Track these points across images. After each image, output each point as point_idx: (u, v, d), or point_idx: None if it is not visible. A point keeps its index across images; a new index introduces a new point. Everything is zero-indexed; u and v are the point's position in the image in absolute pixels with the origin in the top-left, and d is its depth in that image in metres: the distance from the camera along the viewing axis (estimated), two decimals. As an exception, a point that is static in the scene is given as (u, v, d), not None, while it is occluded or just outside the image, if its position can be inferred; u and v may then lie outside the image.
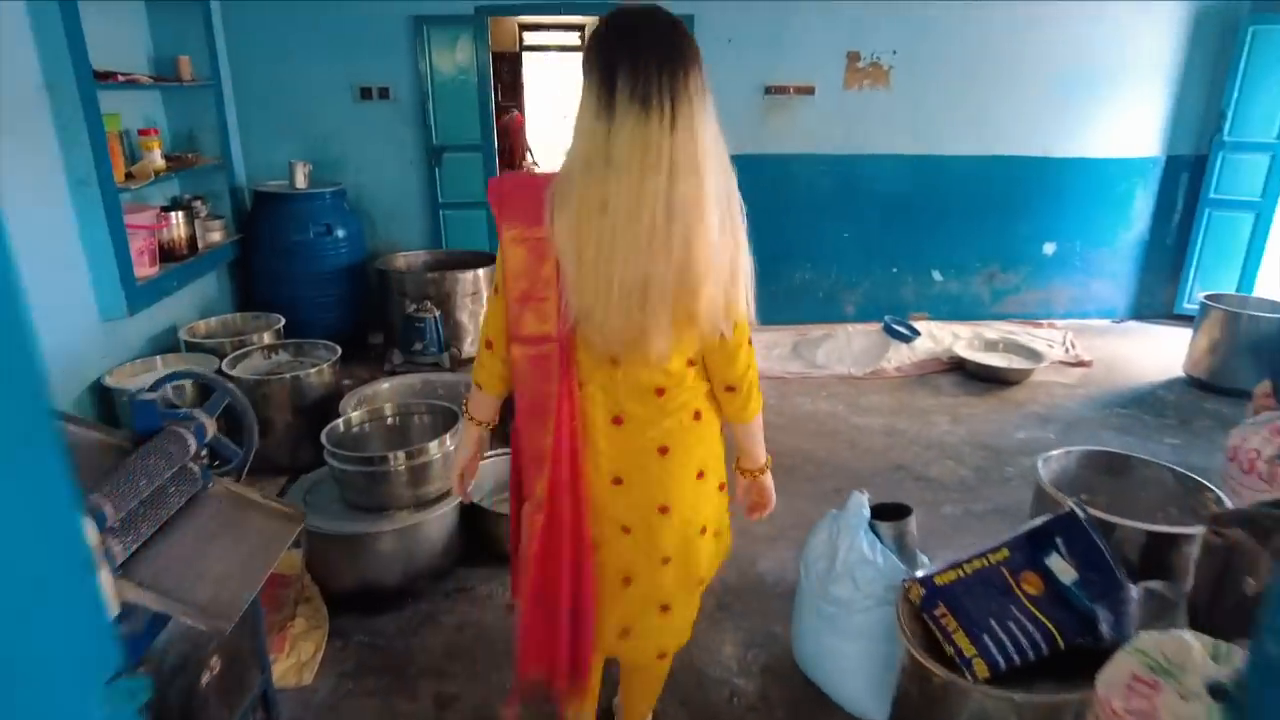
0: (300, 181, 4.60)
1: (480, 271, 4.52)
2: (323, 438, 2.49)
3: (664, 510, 1.50)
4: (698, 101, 1.31)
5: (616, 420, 1.45)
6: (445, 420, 2.72)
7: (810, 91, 5.05)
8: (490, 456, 2.99)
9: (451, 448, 2.54)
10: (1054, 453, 2.51)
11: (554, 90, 12.97)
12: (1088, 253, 5.60)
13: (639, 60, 1.26)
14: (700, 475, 1.54)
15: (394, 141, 4.96)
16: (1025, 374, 4.52)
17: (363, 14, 4.70)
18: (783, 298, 5.45)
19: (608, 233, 1.28)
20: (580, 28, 12.66)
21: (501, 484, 3.01)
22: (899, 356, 4.76)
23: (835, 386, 4.49)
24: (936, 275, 5.55)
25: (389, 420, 2.80)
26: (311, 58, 4.76)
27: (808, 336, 5.11)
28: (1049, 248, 5.56)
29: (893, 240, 5.42)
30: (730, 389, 1.51)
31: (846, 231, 5.38)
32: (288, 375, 3.31)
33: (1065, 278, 5.64)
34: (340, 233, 4.64)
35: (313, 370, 3.33)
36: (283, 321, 4.03)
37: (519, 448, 1.55)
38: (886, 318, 5.01)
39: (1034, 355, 4.69)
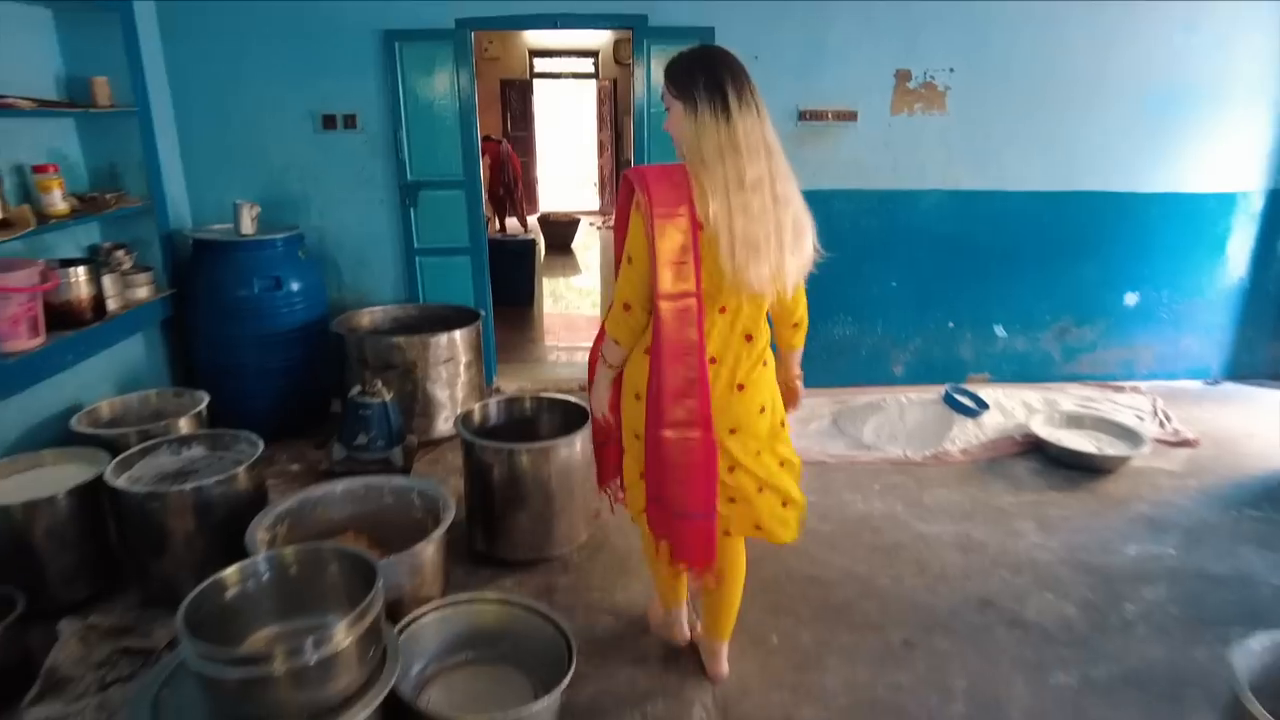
0: (247, 226, 3.87)
1: (458, 334, 3.76)
2: (179, 619, 1.71)
3: (763, 410, 1.93)
4: (764, 105, 1.80)
5: (721, 359, 1.87)
6: (366, 575, 1.90)
7: (852, 117, 4.28)
8: (431, 611, 2.21)
9: (369, 623, 1.76)
10: (1256, 643, 1.69)
11: (565, 117, 12.34)
12: (1177, 303, 4.75)
13: (737, 75, 1.76)
14: (762, 410, 1.94)
15: (361, 177, 4.24)
16: (1121, 462, 3.67)
17: (325, 29, 4.00)
18: (819, 357, 4.65)
19: (754, 202, 1.71)
20: (594, 53, 12.08)
21: (449, 648, 2.22)
22: (964, 435, 3.93)
23: (890, 475, 3.66)
24: (1000, 330, 4.73)
25: (291, 570, 2.00)
26: (266, 80, 4.05)
27: (850, 405, 4.29)
28: (1131, 298, 4.72)
29: (949, 290, 4.61)
30: (796, 325, 2.07)
31: (895, 279, 4.57)
32: (189, 487, 2.54)
33: (1150, 332, 4.80)
34: (295, 285, 3.90)
35: (217, 482, 2.55)
36: (205, 403, 3.29)
37: (660, 386, 1.79)
38: (948, 387, 4.18)
39: (1128, 435, 3.84)
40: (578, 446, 2.80)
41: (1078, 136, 4.41)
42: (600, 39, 11.50)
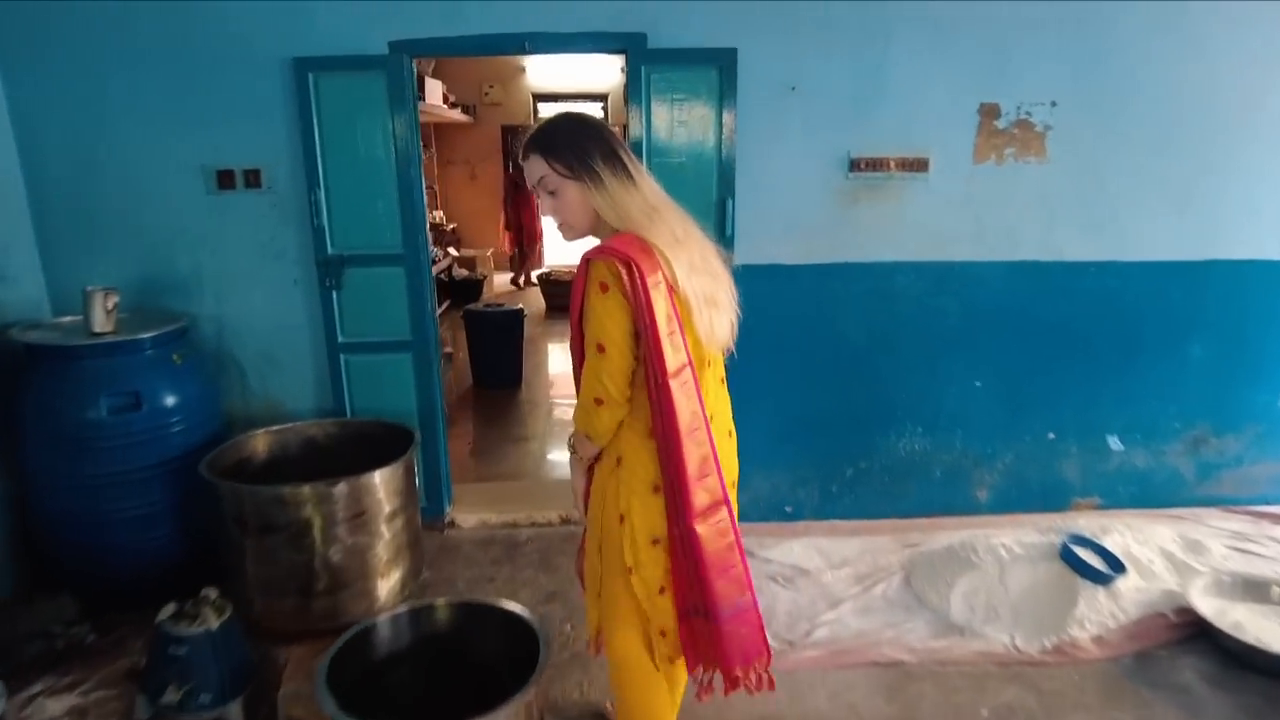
0: (100, 321, 2.83)
1: (377, 476, 2.67)
2: None
3: (730, 435, 1.86)
4: None
5: (713, 413, 1.73)
6: None
7: (921, 167, 3.20)
8: None
9: None
10: None
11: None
12: (1349, 404, 3.60)
13: (618, 138, 1.70)
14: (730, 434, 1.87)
15: (269, 250, 3.20)
16: (1344, 664, 2.50)
17: (216, 58, 3.00)
18: (877, 478, 3.52)
19: (695, 257, 1.65)
20: (603, 96, 11.27)
21: None
22: (1095, 612, 2.76)
23: (999, 685, 2.50)
24: (1115, 442, 3.57)
25: None
26: (141, 126, 3.06)
27: (926, 551, 3.15)
28: (1289, 397, 3.58)
29: (1049, 391, 3.48)
30: (721, 380, 1.87)
31: (978, 378, 3.45)
32: None
33: (1315, 442, 3.63)
34: (169, 400, 2.85)
35: None
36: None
37: (679, 475, 1.61)
38: (1064, 538, 3.02)
39: (1339, 613, 2.67)
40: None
41: (1223, 190, 3.30)
42: (610, 81, 10.65)
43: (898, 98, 3.14)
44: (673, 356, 1.56)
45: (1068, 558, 2.92)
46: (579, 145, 1.62)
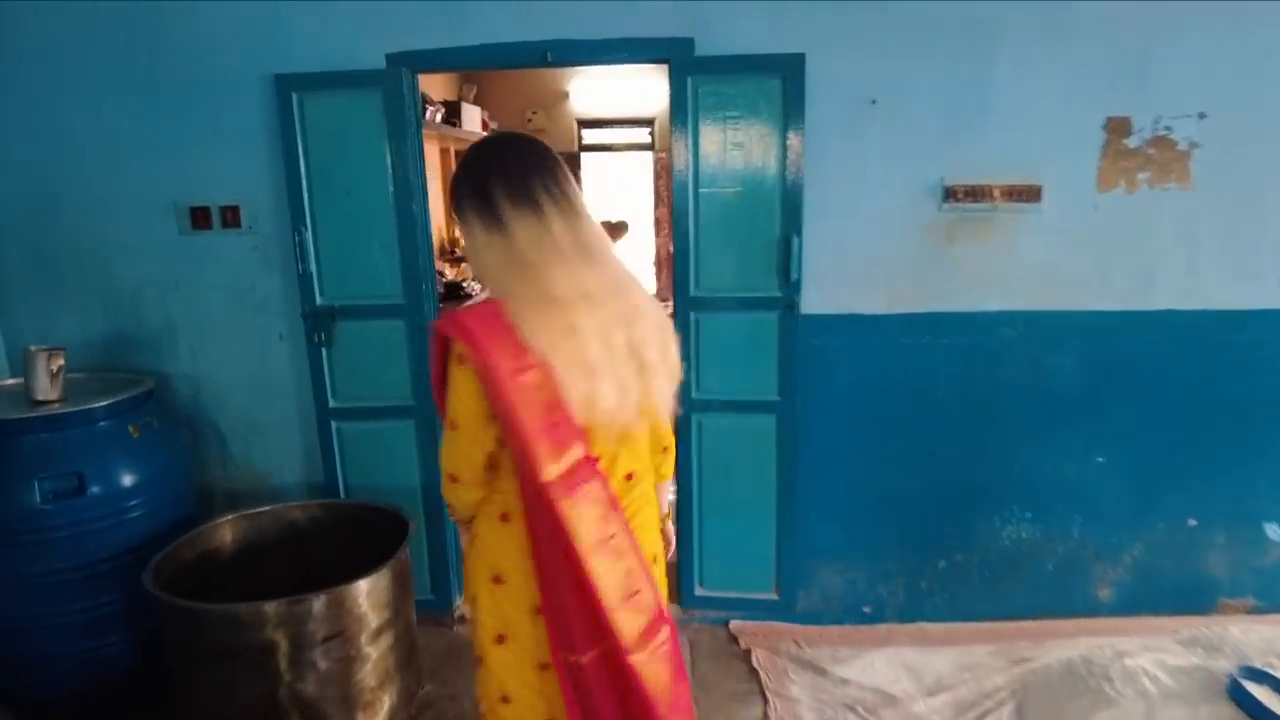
0: (44, 387, 2.39)
1: (362, 586, 2.14)
2: None
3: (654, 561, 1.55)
4: (574, 196, 1.37)
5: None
6: None
7: (1033, 196, 2.60)
8: None
9: None
10: None
11: (617, 192, 11.07)
12: None
13: (513, 168, 1.32)
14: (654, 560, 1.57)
15: (250, 300, 2.74)
16: None
17: (189, 77, 2.57)
18: (976, 572, 2.90)
19: (584, 320, 1.30)
20: (649, 121, 10.83)
21: None
22: (1286, 778, 2.10)
23: None
24: (1273, 531, 2.89)
25: None
26: (104, 158, 2.64)
27: (1040, 669, 2.52)
28: None
29: (1189, 469, 2.82)
30: (666, 449, 1.61)
31: (1101, 453, 2.81)
32: None
33: None
34: (125, 480, 2.41)
35: None
36: None
37: (591, 601, 1.32)
38: (1234, 672, 2.35)
39: None
40: None
41: None
42: (657, 106, 10.21)
43: (1004, 111, 2.55)
44: (552, 459, 1.28)
45: (1240, 698, 2.25)
46: (456, 180, 1.36)
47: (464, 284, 4.84)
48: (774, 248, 2.58)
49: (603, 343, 1.30)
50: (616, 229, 9.14)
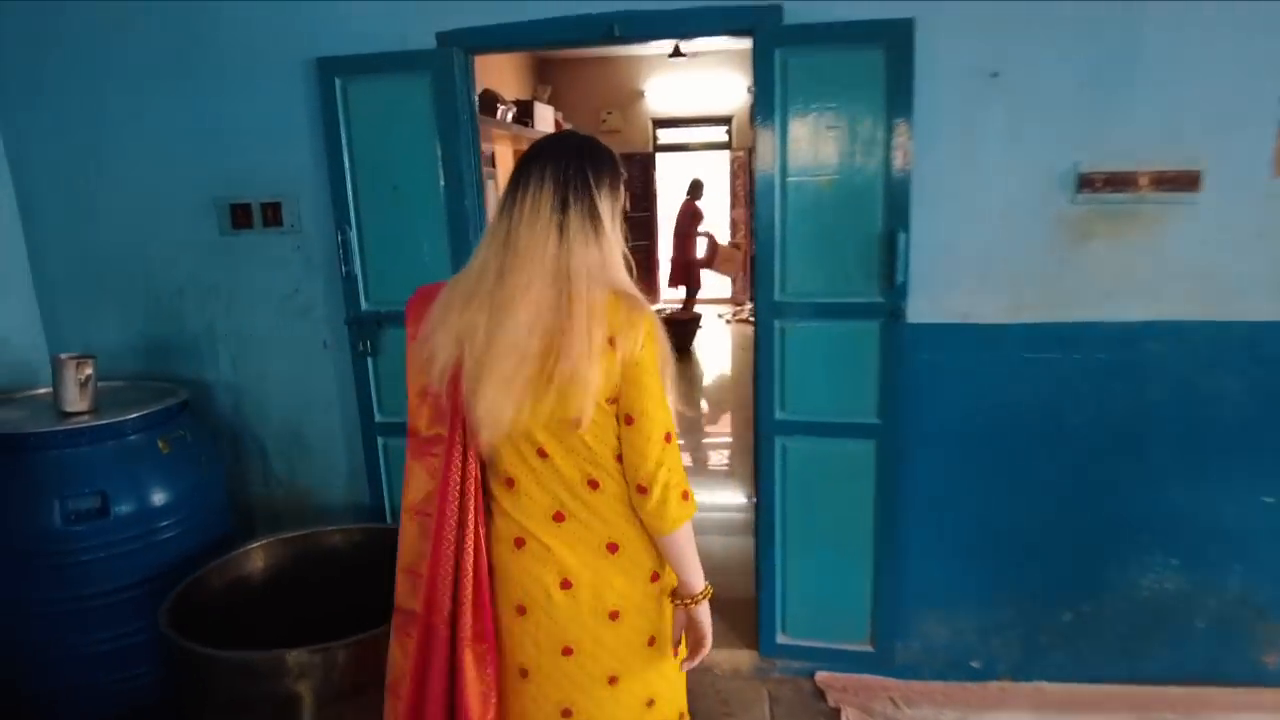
0: (73, 398, 2.22)
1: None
2: None
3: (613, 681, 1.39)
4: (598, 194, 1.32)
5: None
6: None
7: (1190, 183, 2.18)
8: None
9: None
10: None
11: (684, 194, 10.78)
12: None
13: (546, 161, 1.31)
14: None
15: (294, 305, 2.54)
16: None
17: (227, 65, 2.38)
18: (1109, 627, 2.47)
19: (524, 315, 1.30)
20: (727, 119, 10.50)
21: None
22: None
23: None
24: None
25: None
26: (145, 154, 2.47)
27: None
28: None
29: (1381, 511, 2.34)
30: (643, 489, 1.31)
31: (1269, 491, 2.35)
32: None
33: None
34: (157, 499, 2.23)
35: None
36: None
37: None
38: None
39: None
40: None
41: None
42: (734, 103, 9.91)
43: (1155, 84, 2.14)
44: (421, 418, 1.41)
45: None
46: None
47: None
48: (874, 245, 2.22)
49: (468, 329, 1.30)
50: (695, 188, 9.30)
